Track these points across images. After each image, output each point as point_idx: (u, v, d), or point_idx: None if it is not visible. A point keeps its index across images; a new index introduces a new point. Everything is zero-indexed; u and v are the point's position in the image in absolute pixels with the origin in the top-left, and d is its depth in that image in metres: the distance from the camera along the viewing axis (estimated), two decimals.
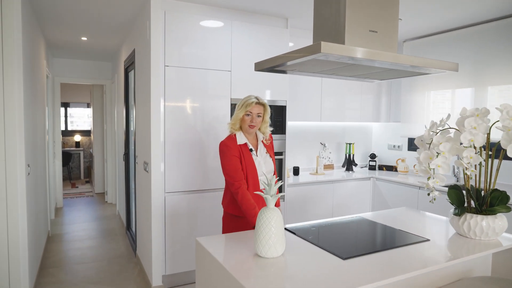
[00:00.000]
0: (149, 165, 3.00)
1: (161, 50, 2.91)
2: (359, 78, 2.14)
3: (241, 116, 2.20)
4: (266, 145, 2.34)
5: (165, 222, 3.02)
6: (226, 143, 2.19)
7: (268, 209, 1.59)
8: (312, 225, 2.08)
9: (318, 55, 1.44)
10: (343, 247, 1.72)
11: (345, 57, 1.48)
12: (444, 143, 1.78)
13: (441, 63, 1.77)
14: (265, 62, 1.86)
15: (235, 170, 2.13)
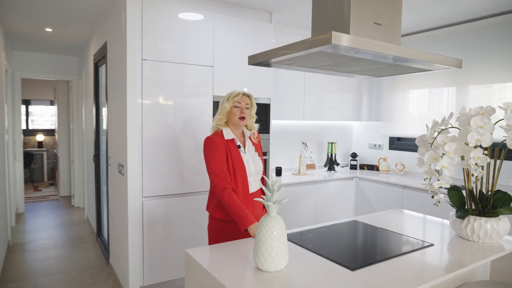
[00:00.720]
0: (125, 168, 2.75)
1: (138, 42, 2.68)
2: (354, 74, 2.03)
3: (228, 109, 2.05)
4: (255, 143, 2.17)
5: (143, 229, 2.79)
6: (212, 138, 2.02)
7: (270, 218, 1.43)
8: (307, 231, 1.95)
9: (327, 46, 1.30)
10: (349, 256, 1.60)
11: (356, 49, 1.35)
12: (449, 143, 1.69)
13: (448, 59, 1.68)
14: (262, 55, 1.69)
15: (220, 169, 1.96)
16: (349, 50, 1.39)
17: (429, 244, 1.76)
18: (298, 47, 1.41)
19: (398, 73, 1.95)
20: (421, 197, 3.35)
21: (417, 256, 1.60)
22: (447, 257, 1.63)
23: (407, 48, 1.52)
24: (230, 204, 1.89)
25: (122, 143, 2.82)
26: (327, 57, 1.53)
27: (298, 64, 1.75)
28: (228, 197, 1.90)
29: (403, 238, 1.85)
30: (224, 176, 1.95)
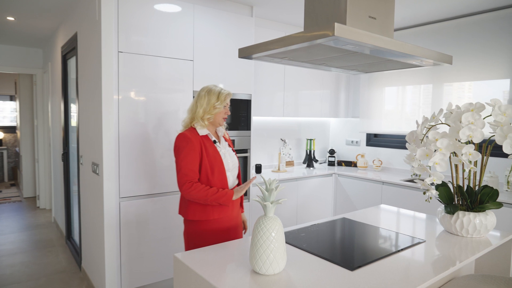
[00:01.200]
0: (100, 167, 2.59)
1: (113, 33, 2.52)
2: (344, 69, 2.00)
3: (222, 109, 1.99)
4: (227, 139, 2.14)
5: (120, 231, 2.64)
6: (186, 135, 1.91)
7: (267, 219, 1.36)
8: (298, 230, 1.89)
9: (328, 39, 1.24)
10: (345, 256, 1.56)
11: (358, 43, 1.30)
12: (441, 140, 1.69)
13: (442, 55, 1.68)
14: (255, 47, 1.61)
15: (191, 168, 1.86)
16: (349, 44, 1.34)
17: (421, 240, 1.76)
18: (297, 40, 1.35)
19: (388, 68, 1.94)
20: (400, 193, 3.40)
21: (411, 253, 1.59)
22: (441, 253, 1.63)
23: (407, 43, 1.49)
24: (202, 193, 1.82)
25: (97, 141, 2.66)
26: (324, 50, 1.48)
27: (290, 58, 1.68)
28: (196, 189, 1.83)
29: (395, 235, 1.84)
30: (194, 176, 1.86)
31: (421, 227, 2.04)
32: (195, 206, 1.91)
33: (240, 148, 3.25)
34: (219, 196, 1.84)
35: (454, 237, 1.82)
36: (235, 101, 3.18)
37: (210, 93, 1.98)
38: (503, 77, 3.18)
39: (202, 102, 1.97)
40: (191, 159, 1.87)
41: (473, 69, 3.36)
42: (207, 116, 1.97)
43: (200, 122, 1.95)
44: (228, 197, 1.86)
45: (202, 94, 1.98)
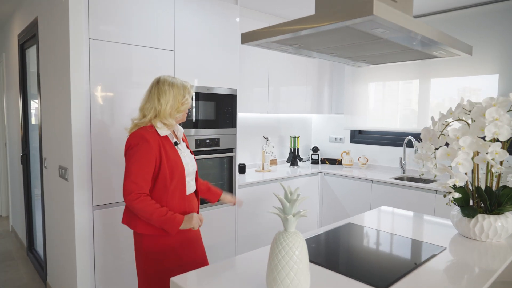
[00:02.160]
0: (70, 172, 2.26)
1: (83, 17, 2.19)
2: (353, 60, 1.81)
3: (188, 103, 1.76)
4: (184, 140, 1.91)
5: (94, 243, 2.32)
6: (143, 134, 1.63)
7: (288, 235, 1.14)
8: (306, 240, 1.69)
9: (364, 19, 1.04)
10: (371, 272, 1.37)
11: (396, 26, 1.11)
12: (463, 138, 1.55)
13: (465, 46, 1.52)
14: (265, 30, 1.37)
15: (143, 176, 1.60)
16: (383, 27, 1.14)
17: (442, 247, 1.61)
18: (322, 19, 1.13)
19: (403, 59, 1.77)
20: (390, 191, 3.30)
21: (439, 263, 1.44)
22: (470, 262, 1.48)
23: (443, 32, 1.32)
24: (148, 209, 1.57)
25: (65, 142, 2.31)
26: (344, 36, 1.28)
27: (301, 45, 1.47)
28: (143, 203, 1.57)
29: (411, 242, 1.68)
30: (144, 186, 1.60)
31: (433, 231, 1.89)
32: None
33: (224, 147, 3.01)
34: (165, 220, 1.58)
35: (472, 242, 1.69)
36: (220, 96, 2.93)
37: (173, 87, 1.72)
38: (492, 72, 3.14)
39: (168, 98, 1.69)
40: (144, 164, 1.61)
41: (461, 64, 3.30)
42: (177, 114, 1.73)
43: (165, 120, 1.69)
44: (175, 224, 1.59)
45: (165, 88, 1.70)
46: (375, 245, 1.69)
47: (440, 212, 2.95)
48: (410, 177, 3.62)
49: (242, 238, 3.19)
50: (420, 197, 3.08)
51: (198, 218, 1.68)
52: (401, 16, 1.11)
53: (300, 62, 3.94)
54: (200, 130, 2.82)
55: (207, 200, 2.05)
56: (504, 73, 3.07)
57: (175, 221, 1.60)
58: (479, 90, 3.24)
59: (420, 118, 3.62)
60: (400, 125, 3.80)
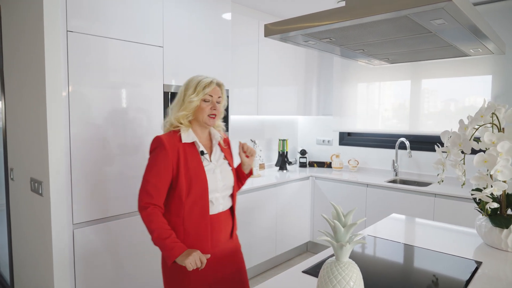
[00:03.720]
0: (45, 186, 1.94)
1: (60, 5, 1.89)
2: (377, 59, 1.65)
3: (197, 104, 1.51)
4: (224, 148, 1.66)
5: (74, 267, 2.02)
6: (161, 139, 1.47)
7: (341, 265, 0.95)
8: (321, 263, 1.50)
9: (440, 5, 0.86)
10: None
11: (466, 18, 0.94)
12: (501, 143, 1.42)
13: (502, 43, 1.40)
14: (301, 20, 1.16)
15: (157, 186, 1.43)
16: (449, 19, 0.98)
17: (477, 261, 1.48)
18: (380, 7, 0.94)
19: (433, 58, 1.64)
20: (386, 195, 3.20)
21: (483, 282, 1.30)
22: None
23: (489, 24, 1.18)
24: (150, 226, 1.40)
25: (39, 151, 2.00)
26: (393, 28, 1.10)
27: (332, 40, 1.28)
28: (148, 217, 1.40)
29: (447, 258, 1.54)
30: (155, 196, 1.43)
31: (456, 241, 1.77)
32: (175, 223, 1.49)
33: None
34: (163, 245, 1.38)
35: (504, 253, 1.58)
36: None
37: (187, 84, 1.56)
38: (485, 73, 3.12)
39: (179, 96, 1.53)
40: (158, 172, 1.44)
41: (454, 64, 3.27)
42: (183, 113, 1.51)
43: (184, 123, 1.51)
44: (171, 255, 1.36)
45: (182, 86, 1.55)
46: (408, 264, 1.53)
47: (440, 216, 2.88)
48: (403, 180, 3.55)
49: None
50: (419, 201, 3.00)
51: (197, 257, 1.36)
52: (470, 5, 0.95)
53: (289, 61, 3.77)
54: None
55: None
56: (497, 74, 3.05)
57: (172, 251, 1.36)
58: (473, 91, 3.21)
59: (412, 120, 3.56)
60: (391, 126, 3.73)
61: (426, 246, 1.67)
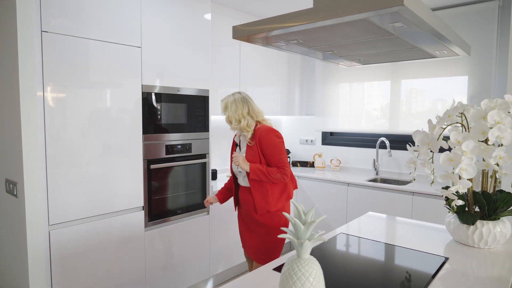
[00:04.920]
0: (20, 187, 1.93)
1: (34, 6, 1.88)
2: (348, 60, 1.68)
3: None
4: (249, 145, 2.15)
5: (51, 269, 2.01)
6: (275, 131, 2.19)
7: (302, 261, 0.97)
8: None
9: (394, 9, 0.89)
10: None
11: (420, 20, 0.98)
12: (466, 142, 1.47)
13: (466, 46, 1.44)
14: (266, 23, 1.18)
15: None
16: (404, 21, 1.01)
17: (443, 257, 1.52)
18: (339, 11, 0.97)
19: (401, 59, 1.69)
20: (366, 194, 3.24)
21: (447, 275, 1.34)
22: (479, 273, 1.40)
23: (450, 28, 1.22)
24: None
25: (13, 152, 1.98)
26: (356, 31, 1.13)
27: (299, 41, 1.30)
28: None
29: (417, 255, 1.58)
30: None
31: (426, 238, 1.82)
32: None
33: (197, 153, 2.78)
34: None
35: (470, 249, 1.63)
36: (191, 98, 2.70)
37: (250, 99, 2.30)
38: (462, 74, 3.19)
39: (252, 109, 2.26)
40: None
41: (432, 65, 3.33)
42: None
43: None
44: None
45: None
46: (377, 260, 1.57)
47: (418, 214, 2.94)
48: (383, 179, 3.60)
49: (216, 250, 2.98)
50: (397, 199, 3.05)
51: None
52: (426, 9, 0.98)
53: (271, 62, 3.80)
54: (170, 135, 2.57)
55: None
56: (473, 75, 3.13)
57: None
58: (451, 91, 3.28)
59: (392, 119, 3.62)
60: (371, 126, 3.78)
61: (397, 243, 1.71)
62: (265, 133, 2.08)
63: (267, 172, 2.04)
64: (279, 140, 2.12)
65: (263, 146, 2.07)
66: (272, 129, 2.14)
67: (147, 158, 2.43)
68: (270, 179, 2.05)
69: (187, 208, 2.73)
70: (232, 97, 2.18)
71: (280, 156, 2.09)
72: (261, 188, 2.08)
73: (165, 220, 2.57)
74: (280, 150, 2.11)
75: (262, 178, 2.05)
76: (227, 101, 2.18)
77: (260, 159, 2.08)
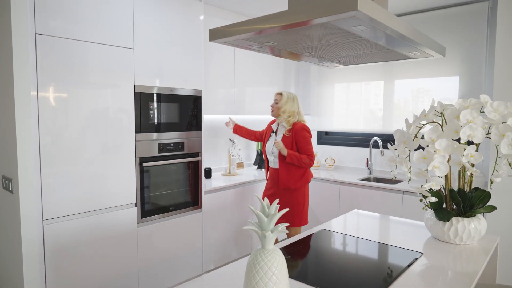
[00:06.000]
0: (15, 182, 2.01)
1: (28, 9, 1.95)
2: (326, 61, 1.73)
3: None
4: (285, 135, 2.77)
5: (45, 263, 2.08)
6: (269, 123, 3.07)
7: (265, 252, 1.03)
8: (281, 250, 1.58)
9: (348, 14, 0.95)
10: (348, 283, 1.29)
11: (378, 24, 1.03)
12: (439, 141, 1.51)
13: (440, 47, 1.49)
14: (239, 28, 1.25)
15: None
16: (365, 25, 1.06)
17: (420, 253, 1.57)
18: (299, 15, 1.03)
19: (376, 60, 1.73)
20: (359, 192, 3.29)
21: (417, 270, 1.39)
22: (449, 266, 1.45)
23: (418, 30, 1.26)
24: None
25: (9, 149, 2.06)
26: (323, 34, 1.19)
27: (274, 44, 1.36)
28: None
29: (389, 249, 1.64)
30: None
31: (407, 235, 1.86)
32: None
33: (190, 151, 2.85)
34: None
35: (446, 245, 1.67)
36: (184, 98, 2.77)
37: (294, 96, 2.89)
38: (453, 74, 3.22)
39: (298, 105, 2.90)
40: None
41: (424, 65, 3.37)
42: None
43: None
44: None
45: None
46: (352, 254, 1.62)
47: (408, 212, 2.98)
48: (376, 178, 3.64)
49: (209, 247, 3.04)
50: (388, 198, 3.10)
51: None
52: (385, 13, 1.04)
53: (266, 62, 3.85)
54: (162, 134, 2.64)
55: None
56: (464, 75, 3.16)
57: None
58: (443, 91, 3.31)
59: (385, 119, 3.66)
60: (365, 126, 3.82)
61: (376, 239, 1.76)
62: (300, 129, 2.72)
63: (299, 157, 2.67)
64: (309, 135, 2.76)
65: (298, 139, 2.70)
66: (305, 126, 2.76)
67: (139, 156, 2.50)
68: (300, 162, 2.67)
69: (180, 205, 2.79)
70: (291, 94, 2.79)
71: (309, 147, 2.73)
72: (287, 169, 2.72)
73: (158, 217, 2.64)
74: (309, 142, 2.74)
75: (295, 161, 2.67)
76: (287, 96, 2.76)
77: (293, 147, 2.71)
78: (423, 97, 3.46)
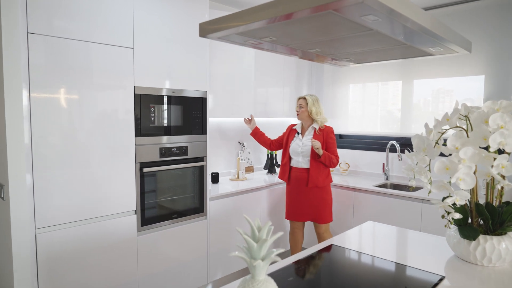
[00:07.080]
0: (6, 189, 1.91)
1: (20, 7, 1.85)
2: (336, 59, 1.56)
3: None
4: (316, 134, 2.93)
5: (37, 273, 1.98)
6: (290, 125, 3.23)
7: (256, 283, 0.87)
8: (281, 270, 1.41)
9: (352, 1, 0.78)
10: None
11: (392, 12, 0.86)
12: (464, 149, 1.32)
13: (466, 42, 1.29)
14: (229, 19, 1.09)
15: None
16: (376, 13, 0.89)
17: (440, 276, 1.38)
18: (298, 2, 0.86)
19: (392, 57, 1.54)
20: (374, 200, 3.08)
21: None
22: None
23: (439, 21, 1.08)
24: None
25: (0, 154, 1.97)
26: (328, 25, 1.02)
27: (273, 39, 1.20)
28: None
29: (408, 271, 1.45)
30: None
31: (426, 253, 1.67)
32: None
33: (194, 156, 2.71)
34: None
35: (472, 267, 1.47)
36: (187, 99, 2.63)
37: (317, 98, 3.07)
38: (478, 73, 2.98)
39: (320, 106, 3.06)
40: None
41: (446, 64, 3.13)
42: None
43: None
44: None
45: None
46: (364, 276, 1.44)
47: (427, 223, 2.75)
48: (394, 184, 3.42)
49: (215, 255, 2.90)
50: (406, 206, 2.88)
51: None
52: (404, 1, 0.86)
53: (277, 62, 3.69)
54: (164, 137, 2.51)
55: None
56: (490, 74, 2.91)
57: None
58: (466, 91, 3.07)
59: (404, 121, 3.44)
60: (382, 128, 3.61)
61: (391, 258, 1.57)
62: (330, 131, 2.96)
63: (331, 157, 2.87)
64: (335, 137, 3.00)
65: (328, 140, 2.92)
66: (332, 128, 2.99)
67: (139, 161, 2.37)
68: (330, 162, 2.87)
69: (183, 212, 2.66)
70: (313, 96, 2.99)
71: (335, 148, 2.97)
72: (318, 169, 2.88)
73: (159, 224, 2.51)
74: (336, 144, 2.99)
75: (327, 161, 2.85)
76: (312, 99, 2.96)
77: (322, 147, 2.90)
78: (443, 98, 3.23)
